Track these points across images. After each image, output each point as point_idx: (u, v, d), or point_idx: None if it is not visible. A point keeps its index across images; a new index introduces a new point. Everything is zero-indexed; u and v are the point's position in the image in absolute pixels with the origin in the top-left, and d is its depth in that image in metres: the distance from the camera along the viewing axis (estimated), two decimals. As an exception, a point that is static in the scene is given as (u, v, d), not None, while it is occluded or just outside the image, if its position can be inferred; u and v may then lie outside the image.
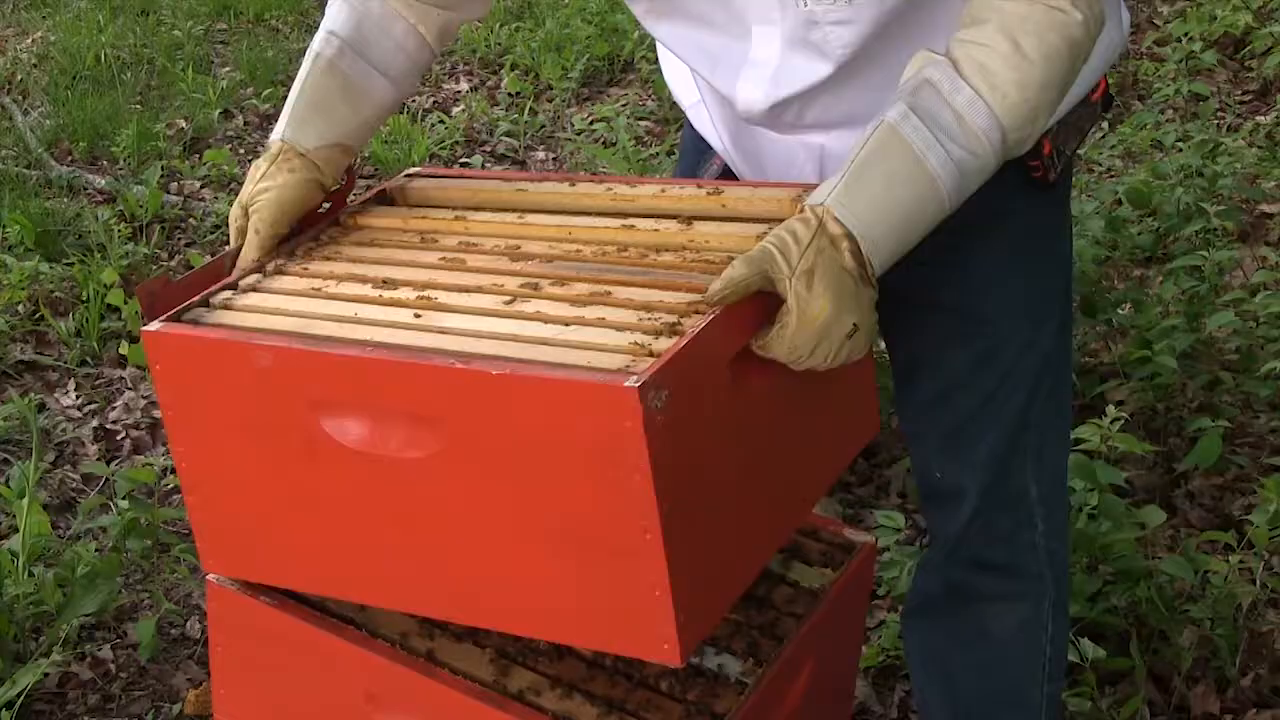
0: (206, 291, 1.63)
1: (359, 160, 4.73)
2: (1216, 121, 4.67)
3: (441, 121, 5.01)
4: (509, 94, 5.28)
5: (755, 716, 1.63)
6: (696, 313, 1.41)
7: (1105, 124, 4.78)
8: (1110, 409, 2.68)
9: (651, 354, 1.35)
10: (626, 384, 1.29)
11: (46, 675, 2.63)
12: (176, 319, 1.58)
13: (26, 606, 2.69)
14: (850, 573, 1.81)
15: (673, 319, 1.41)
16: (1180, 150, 4.13)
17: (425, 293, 1.54)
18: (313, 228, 1.76)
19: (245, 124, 5.14)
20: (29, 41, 5.83)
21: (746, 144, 1.84)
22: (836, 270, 1.41)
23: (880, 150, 1.45)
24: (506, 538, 1.44)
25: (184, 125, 5.05)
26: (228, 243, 1.75)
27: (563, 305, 1.48)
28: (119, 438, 3.46)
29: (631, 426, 1.29)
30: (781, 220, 1.51)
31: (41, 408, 3.49)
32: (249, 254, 1.70)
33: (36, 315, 3.89)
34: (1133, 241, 3.71)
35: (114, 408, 3.57)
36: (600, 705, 1.60)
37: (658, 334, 1.39)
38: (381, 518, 1.51)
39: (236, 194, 1.78)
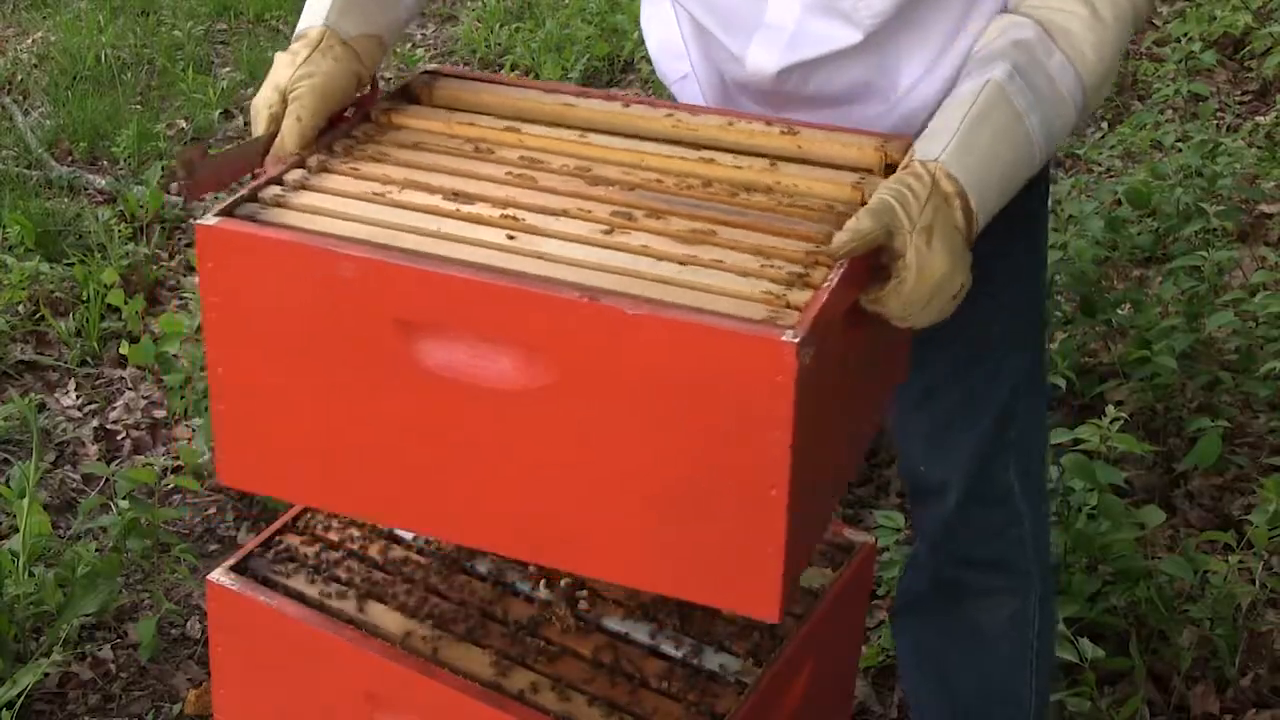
0: (255, 185, 1.52)
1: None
2: (1216, 122, 4.67)
3: (441, 121, 5.01)
4: (509, 94, 5.28)
5: (755, 716, 1.63)
6: (818, 264, 1.38)
7: (1105, 124, 4.79)
8: (1110, 409, 2.68)
9: (789, 305, 1.31)
10: (783, 337, 1.25)
11: (47, 675, 2.63)
12: (231, 214, 1.46)
13: (27, 606, 2.69)
14: (850, 573, 1.81)
15: (795, 268, 1.37)
16: (1180, 150, 4.13)
17: (507, 211, 1.47)
18: (341, 124, 1.67)
19: (245, 124, 5.14)
20: (29, 42, 5.83)
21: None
22: (951, 228, 1.40)
23: (989, 109, 1.45)
24: (609, 480, 1.37)
25: (184, 125, 5.05)
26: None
27: (667, 241, 1.42)
28: (119, 438, 3.46)
29: (783, 381, 1.25)
30: (864, 169, 1.51)
31: (41, 408, 3.50)
32: (289, 143, 1.59)
33: (37, 315, 3.89)
34: (1132, 241, 3.71)
35: (114, 408, 3.57)
36: (600, 705, 1.60)
37: (788, 284, 1.34)
38: (459, 446, 1.43)
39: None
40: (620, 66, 5.45)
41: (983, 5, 1.62)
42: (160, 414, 3.53)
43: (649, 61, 5.50)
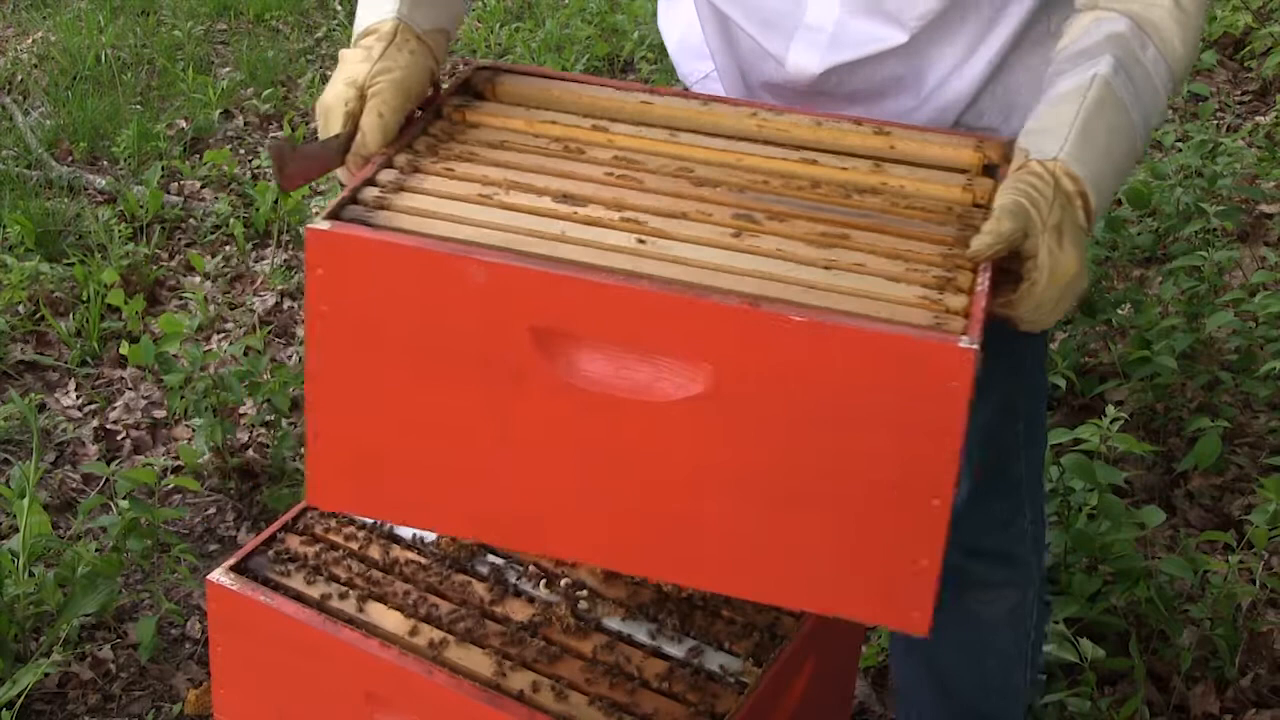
0: (353, 186, 1.44)
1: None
2: (1216, 121, 4.67)
3: (441, 121, 5.01)
4: (509, 94, 5.29)
5: (755, 716, 1.63)
6: (958, 267, 1.36)
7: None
8: (1110, 409, 2.68)
9: (949, 310, 1.29)
10: (961, 343, 1.23)
11: (47, 675, 2.63)
12: (339, 217, 1.38)
13: (26, 606, 2.69)
14: (850, 573, 1.81)
15: (939, 272, 1.35)
16: (1180, 150, 4.13)
17: (626, 214, 1.42)
18: (413, 122, 1.60)
19: (245, 124, 5.14)
20: (29, 41, 5.83)
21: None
22: (1077, 227, 1.39)
23: (1101, 105, 1.45)
24: (756, 491, 1.33)
25: (184, 125, 5.05)
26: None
27: (798, 244, 1.39)
28: (119, 438, 3.46)
29: (958, 388, 1.23)
30: (961, 169, 1.51)
31: (41, 408, 3.50)
32: (371, 141, 1.52)
33: (37, 315, 3.89)
34: (1132, 241, 3.72)
35: (114, 408, 3.57)
36: (600, 705, 1.60)
37: (939, 289, 1.33)
38: (594, 460, 1.37)
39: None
40: (620, 66, 5.45)
41: (1012, 6, 1.63)
42: (160, 414, 3.53)
43: (649, 61, 5.51)
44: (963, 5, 1.61)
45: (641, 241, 1.37)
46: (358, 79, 1.53)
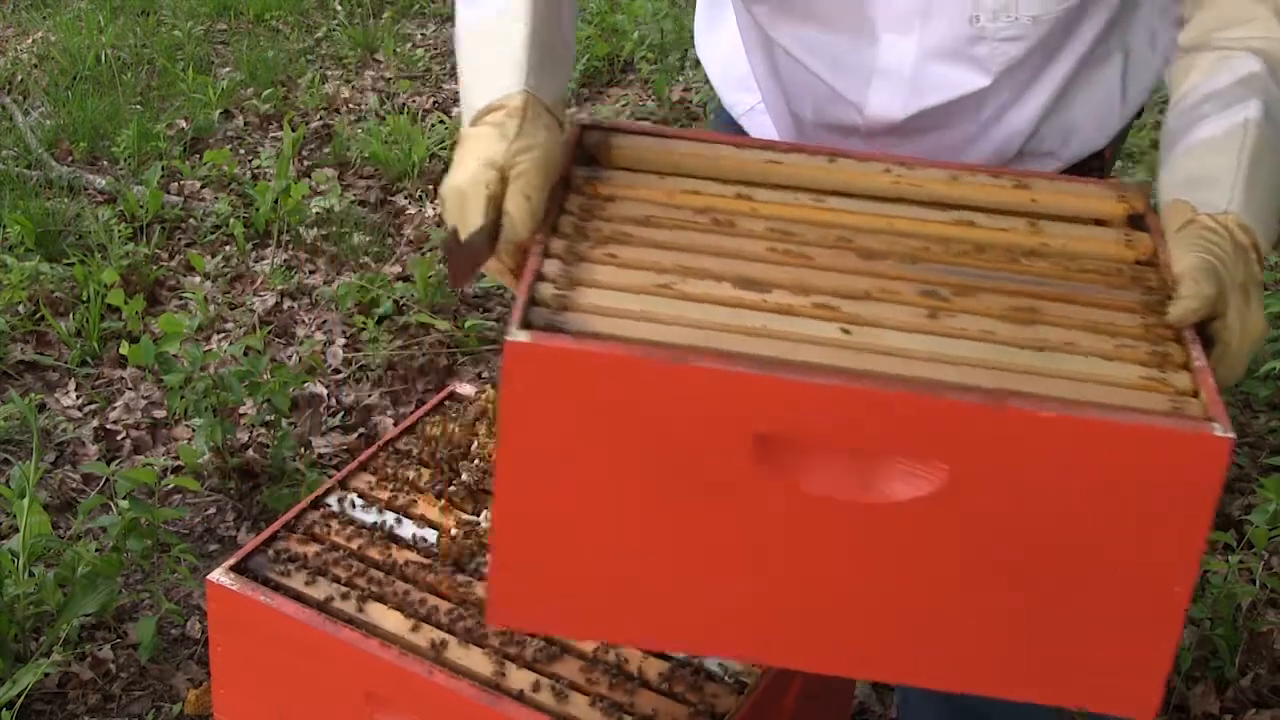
0: (526, 286, 1.34)
1: (357, 159, 4.75)
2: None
3: (442, 122, 5.01)
4: (509, 94, 5.28)
5: (755, 716, 1.63)
6: (1162, 337, 1.33)
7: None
8: (1110, 409, 2.68)
9: (1180, 392, 1.27)
10: (1216, 432, 1.21)
11: (46, 675, 2.63)
12: (532, 326, 1.29)
13: (26, 606, 2.69)
14: (851, 573, 1.81)
15: (1149, 347, 1.32)
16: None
17: (815, 299, 1.36)
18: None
19: (245, 124, 5.14)
20: (29, 41, 5.83)
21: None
22: (1256, 282, 1.35)
23: (1260, 153, 1.41)
24: (989, 585, 1.30)
25: (184, 125, 5.05)
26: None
27: (995, 321, 1.34)
28: (119, 438, 3.46)
29: (1211, 476, 1.22)
30: (1105, 221, 1.47)
31: (41, 408, 3.50)
32: (521, 228, 1.39)
33: (37, 315, 3.89)
34: (1132, 242, 3.71)
35: (114, 408, 3.57)
36: (601, 705, 1.60)
37: (1158, 366, 1.30)
38: (816, 563, 1.32)
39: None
40: (620, 66, 5.45)
41: (1080, 34, 1.62)
42: (160, 414, 3.53)
43: (649, 61, 5.49)
44: (1048, 44, 1.60)
45: (846, 331, 1.31)
46: (496, 159, 1.39)
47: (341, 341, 3.82)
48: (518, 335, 1.26)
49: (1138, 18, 1.68)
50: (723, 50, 1.89)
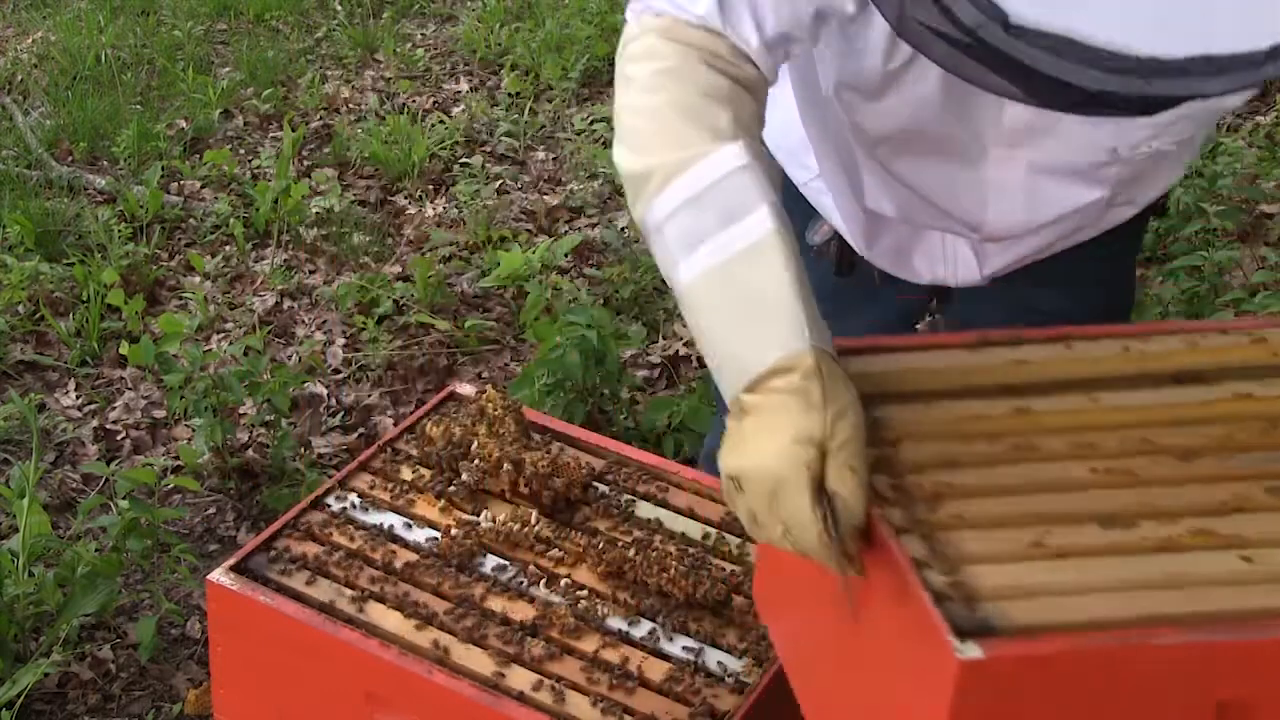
0: (923, 583, 1.20)
1: (357, 159, 4.75)
2: (1216, 121, 4.66)
3: (441, 122, 5.01)
4: (509, 94, 5.28)
5: (755, 716, 1.63)
6: None
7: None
8: (1110, 409, 2.68)
9: None
10: None
11: (46, 675, 2.63)
12: (966, 632, 1.15)
13: (26, 606, 2.69)
14: (850, 573, 1.80)
15: None
16: (1180, 150, 4.12)
17: (1184, 523, 1.30)
18: None
19: (245, 124, 5.13)
20: (29, 41, 5.83)
21: (884, 238, 1.84)
22: None
23: None
24: None
25: (184, 125, 5.05)
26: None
27: None
28: (119, 438, 3.46)
29: None
30: None
31: (41, 408, 3.49)
32: (858, 507, 1.24)
33: (37, 315, 3.89)
34: (1133, 242, 3.71)
35: (114, 408, 3.57)
36: (601, 705, 1.60)
37: None
38: None
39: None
40: (620, 66, 5.44)
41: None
42: (160, 414, 3.53)
43: (649, 61, 5.47)
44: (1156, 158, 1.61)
45: (1248, 560, 1.24)
46: (814, 433, 1.24)
47: (341, 341, 3.82)
48: (969, 651, 1.11)
49: None
50: (775, 123, 1.82)
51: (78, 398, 3.61)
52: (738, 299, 1.33)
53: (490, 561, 1.81)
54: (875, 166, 1.71)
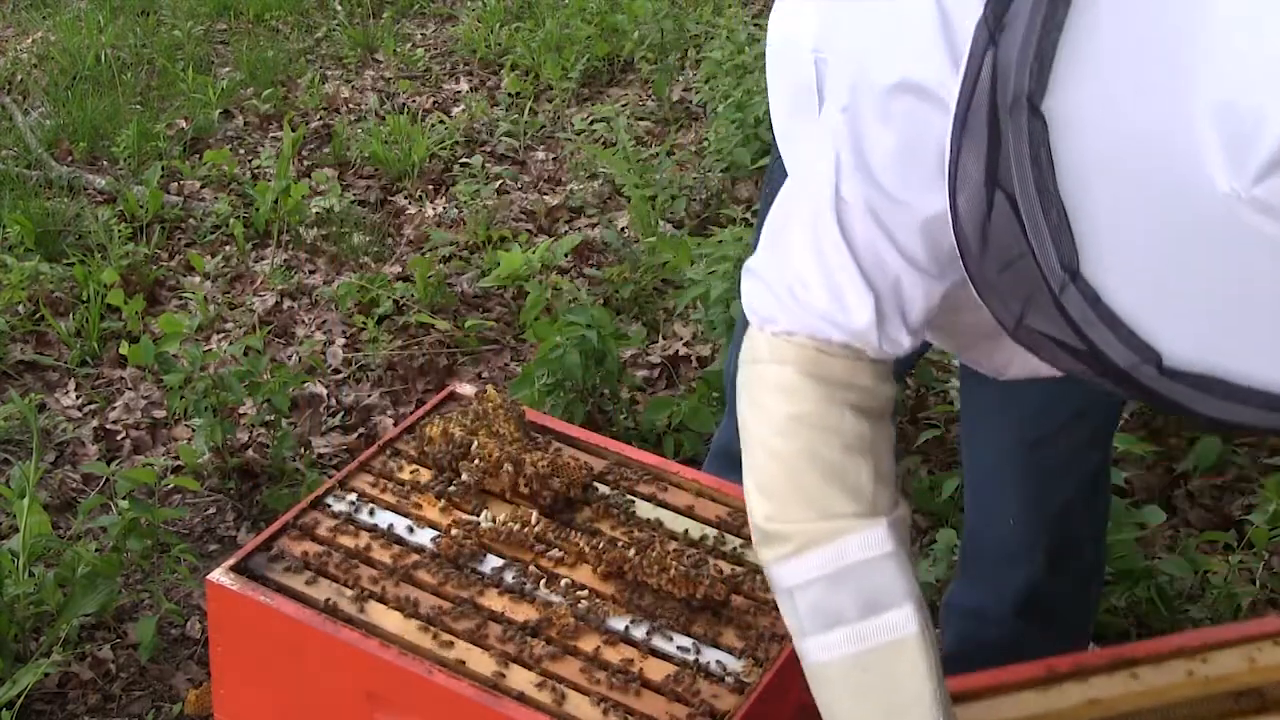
0: None
1: (357, 159, 4.75)
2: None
3: (441, 122, 5.00)
4: (509, 94, 5.28)
5: (755, 716, 1.63)
6: None
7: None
8: (1110, 409, 2.68)
9: None
10: None
11: (46, 675, 2.63)
12: None
13: (26, 606, 2.69)
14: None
15: None
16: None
17: None
18: None
19: (245, 124, 5.13)
20: (29, 41, 5.83)
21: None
22: None
23: None
24: None
25: (184, 125, 5.05)
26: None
27: None
28: (119, 438, 3.46)
29: None
30: None
31: (41, 408, 3.49)
32: None
33: (36, 315, 3.89)
34: (1132, 241, 3.71)
35: (114, 408, 3.57)
36: (601, 705, 1.60)
37: None
38: None
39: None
40: (620, 66, 5.44)
41: None
42: (160, 414, 3.53)
43: (649, 61, 5.48)
44: None
45: None
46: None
47: (341, 341, 3.82)
48: None
49: None
50: None
51: (78, 398, 3.61)
52: (874, 693, 1.33)
53: (490, 561, 1.81)
54: None
